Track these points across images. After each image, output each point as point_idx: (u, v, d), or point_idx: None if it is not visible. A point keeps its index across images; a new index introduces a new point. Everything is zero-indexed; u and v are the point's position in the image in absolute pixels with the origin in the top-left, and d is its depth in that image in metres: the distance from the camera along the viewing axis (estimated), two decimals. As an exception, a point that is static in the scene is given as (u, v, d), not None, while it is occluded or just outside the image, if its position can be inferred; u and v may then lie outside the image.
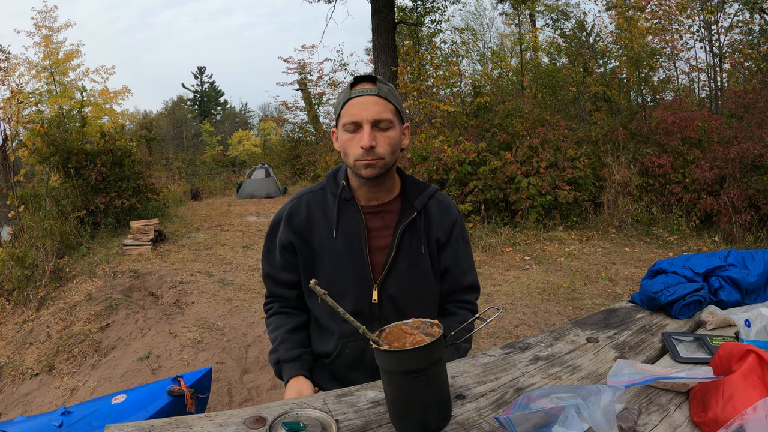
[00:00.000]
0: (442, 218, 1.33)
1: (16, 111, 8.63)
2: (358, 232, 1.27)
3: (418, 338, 0.92)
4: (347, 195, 1.29)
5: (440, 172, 7.32)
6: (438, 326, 0.89)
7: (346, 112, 1.21)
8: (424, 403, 0.84)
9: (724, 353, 0.93)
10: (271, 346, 1.37)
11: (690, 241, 6.25)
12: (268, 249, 1.39)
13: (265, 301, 1.46)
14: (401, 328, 0.94)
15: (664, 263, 1.56)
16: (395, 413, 0.87)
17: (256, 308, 4.56)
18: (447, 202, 1.37)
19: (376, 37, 10.13)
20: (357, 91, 1.20)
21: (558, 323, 4.10)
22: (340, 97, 1.25)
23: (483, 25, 18.07)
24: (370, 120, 1.18)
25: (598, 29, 12.58)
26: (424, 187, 1.35)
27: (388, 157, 1.21)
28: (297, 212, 1.32)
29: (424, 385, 0.83)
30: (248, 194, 14.19)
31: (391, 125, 1.22)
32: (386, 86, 1.23)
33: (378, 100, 1.20)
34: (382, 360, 0.85)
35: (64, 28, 16.08)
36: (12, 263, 5.88)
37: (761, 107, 6.97)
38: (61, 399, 3.36)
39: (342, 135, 1.23)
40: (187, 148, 34.40)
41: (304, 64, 19.66)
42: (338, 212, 1.28)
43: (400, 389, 0.84)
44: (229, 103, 42.85)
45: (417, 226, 1.30)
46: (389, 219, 1.30)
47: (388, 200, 1.31)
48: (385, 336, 0.92)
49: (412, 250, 1.29)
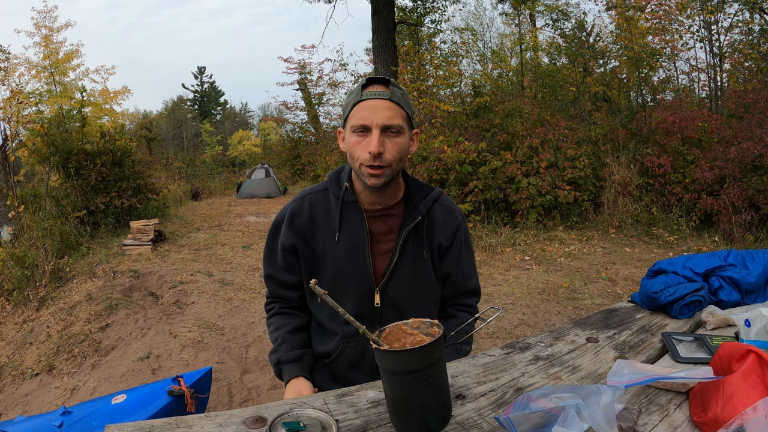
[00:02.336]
0: (446, 223, 1.31)
1: (16, 111, 8.64)
2: (361, 236, 1.26)
3: (418, 338, 0.92)
4: (350, 198, 1.27)
5: (440, 172, 7.33)
6: (438, 326, 0.89)
7: (356, 114, 1.18)
8: (424, 403, 0.84)
9: (724, 353, 0.93)
10: (272, 346, 1.37)
11: (690, 241, 6.25)
12: (269, 250, 1.38)
13: (267, 302, 1.45)
14: (401, 328, 0.93)
15: (664, 263, 1.56)
16: (395, 413, 0.87)
17: (256, 308, 4.56)
18: (451, 207, 1.35)
19: (376, 37, 10.13)
20: (369, 94, 1.17)
21: (558, 323, 4.10)
22: (351, 97, 1.21)
23: (483, 25, 18.10)
24: (380, 125, 1.15)
25: (598, 29, 12.60)
26: (427, 190, 1.33)
27: (395, 164, 1.18)
28: (299, 214, 1.30)
29: (423, 385, 0.83)
30: (248, 194, 14.19)
31: (401, 132, 1.18)
32: (399, 90, 1.20)
33: (390, 105, 1.16)
34: (382, 360, 0.85)
35: (64, 28, 16.13)
36: (12, 263, 5.89)
37: (761, 107, 6.97)
38: (61, 399, 3.36)
39: (349, 137, 1.20)
40: (187, 148, 34.41)
41: (304, 64, 19.70)
42: (341, 215, 1.26)
43: (400, 389, 0.84)
44: (229, 103, 42.89)
45: (420, 231, 1.28)
46: (393, 223, 1.29)
47: (391, 204, 1.29)
48: (385, 336, 0.92)
49: (415, 255, 1.28)
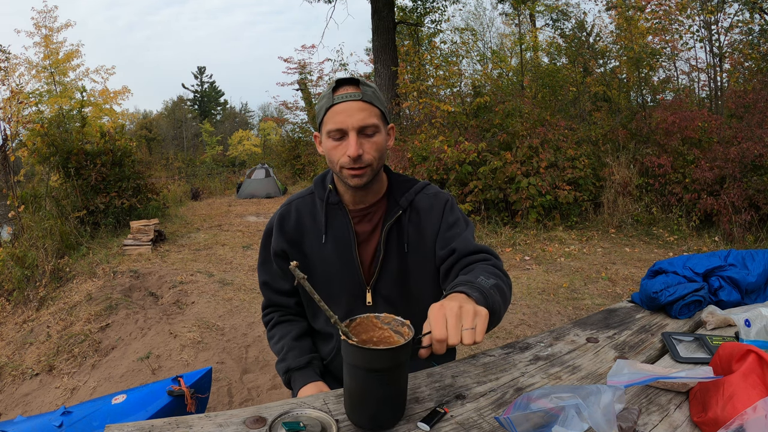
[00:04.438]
0: (432, 206, 1.28)
1: (16, 111, 8.64)
2: (347, 237, 1.26)
3: (386, 334, 0.91)
4: (334, 199, 1.27)
5: (440, 172, 7.33)
6: (409, 327, 0.88)
7: (330, 119, 1.16)
8: (380, 400, 0.84)
9: (724, 353, 0.93)
10: (276, 356, 1.34)
11: (690, 241, 6.25)
12: (263, 258, 1.38)
13: (265, 312, 1.43)
14: (372, 320, 0.93)
15: (664, 263, 1.56)
16: (350, 403, 0.88)
17: (256, 308, 4.56)
18: (436, 192, 1.31)
19: (376, 37, 10.14)
20: (340, 97, 1.16)
21: (558, 323, 4.10)
22: (322, 102, 1.20)
23: (483, 25, 18.12)
24: (356, 127, 1.14)
25: (598, 29, 12.59)
26: (411, 183, 1.31)
27: (375, 162, 1.19)
28: (287, 219, 1.31)
29: (383, 384, 0.83)
30: (248, 194, 14.20)
31: (377, 130, 1.18)
32: (369, 88, 1.19)
33: (363, 105, 1.16)
34: (346, 352, 0.84)
35: (64, 28, 16.14)
36: (12, 263, 5.88)
37: (761, 107, 6.97)
38: (61, 399, 3.36)
39: (326, 142, 1.19)
40: (187, 148, 34.43)
41: (304, 64, 19.73)
42: (326, 217, 1.27)
43: (360, 384, 0.84)
44: (229, 103, 42.94)
45: (403, 224, 1.27)
46: (377, 220, 1.28)
47: (374, 201, 1.29)
48: (355, 326, 0.91)
49: (400, 250, 1.27)
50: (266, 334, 1.43)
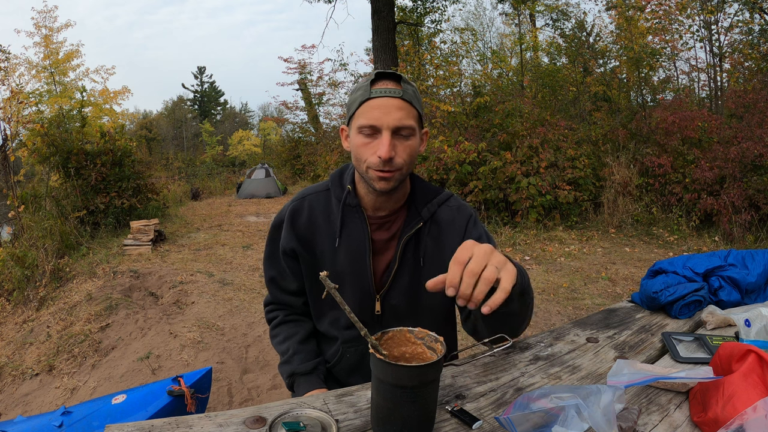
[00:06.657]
0: (455, 221, 1.21)
1: (16, 111, 8.65)
2: (363, 244, 1.18)
3: (419, 350, 0.88)
4: (353, 201, 1.18)
5: (440, 172, 7.33)
6: (442, 344, 0.85)
7: (364, 113, 1.07)
8: (407, 416, 0.82)
9: (724, 353, 0.92)
10: (280, 356, 1.30)
11: (690, 241, 6.25)
12: (270, 252, 1.30)
13: (269, 309, 1.37)
14: (405, 335, 0.89)
15: (664, 263, 1.55)
16: (376, 417, 0.86)
17: (256, 308, 4.56)
18: (459, 205, 1.24)
19: (376, 37, 10.13)
20: (378, 91, 1.06)
21: (558, 323, 4.10)
22: (358, 94, 1.10)
23: (483, 25, 18.11)
24: (391, 127, 1.05)
25: (598, 29, 12.60)
26: (434, 193, 1.23)
27: (405, 167, 1.10)
28: (299, 215, 1.23)
29: (411, 401, 0.81)
30: (248, 194, 14.20)
31: (413, 133, 1.09)
32: (411, 87, 1.09)
33: (402, 104, 1.06)
34: (376, 367, 0.82)
35: (64, 28, 16.14)
36: (12, 263, 5.88)
37: (761, 107, 6.98)
38: (61, 399, 3.36)
39: (355, 137, 1.10)
40: (187, 148, 34.44)
41: (304, 64, 19.70)
42: (342, 220, 1.19)
43: (388, 399, 0.82)
44: (229, 103, 42.95)
45: (421, 237, 1.19)
46: (395, 229, 1.21)
47: (396, 208, 1.21)
48: (387, 339, 0.88)
49: (415, 262, 1.20)
50: (269, 330, 1.37)
